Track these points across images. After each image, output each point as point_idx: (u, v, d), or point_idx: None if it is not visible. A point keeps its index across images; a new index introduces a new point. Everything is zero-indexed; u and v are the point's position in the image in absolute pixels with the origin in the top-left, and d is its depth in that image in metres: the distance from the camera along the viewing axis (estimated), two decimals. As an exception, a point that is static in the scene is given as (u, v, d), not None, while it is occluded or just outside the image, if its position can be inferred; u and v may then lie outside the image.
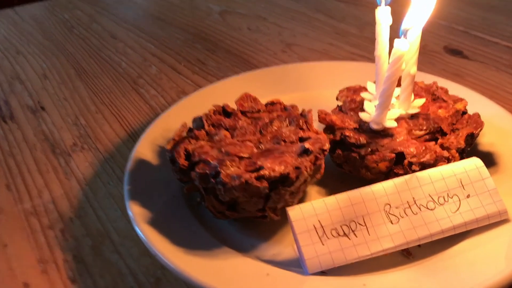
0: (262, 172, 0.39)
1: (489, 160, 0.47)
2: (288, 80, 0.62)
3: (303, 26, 0.85)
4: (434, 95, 0.49)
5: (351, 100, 0.49)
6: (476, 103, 0.53)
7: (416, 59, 0.43)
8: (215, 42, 0.81)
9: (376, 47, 0.43)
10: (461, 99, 0.49)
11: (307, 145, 0.41)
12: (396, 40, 0.38)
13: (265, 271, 0.38)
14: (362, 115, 0.45)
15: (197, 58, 0.76)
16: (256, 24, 0.87)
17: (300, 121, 0.45)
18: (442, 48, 0.75)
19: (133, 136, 0.59)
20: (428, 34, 0.79)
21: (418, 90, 0.50)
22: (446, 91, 0.50)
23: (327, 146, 0.42)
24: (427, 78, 0.56)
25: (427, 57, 0.72)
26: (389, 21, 0.41)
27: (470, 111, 0.50)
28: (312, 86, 0.61)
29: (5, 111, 0.66)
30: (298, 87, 0.61)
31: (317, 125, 0.47)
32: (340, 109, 0.50)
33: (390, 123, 0.44)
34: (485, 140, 0.50)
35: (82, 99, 0.68)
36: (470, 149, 0.46)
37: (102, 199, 0.49)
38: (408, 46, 0.38)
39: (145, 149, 0.49)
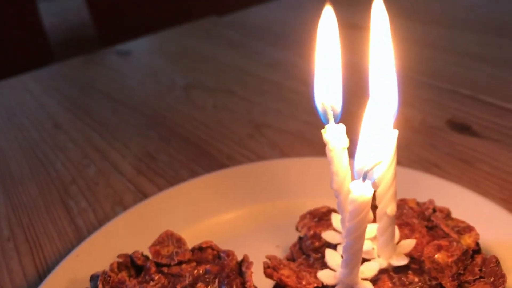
0: None
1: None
2: (249, 185, 0.48)
3: (276, 100, 0.72)
4: (431, 224, 0.35)
5: (314, 236, 0.35)
6: (497, 220, 0.38)
7: (393, 193, 0.28)
8: (172, 128, 0.68)
9: (332, 179, 0.28)
10: (470, 229, 0.34)
11: None
12: (352, 184, 0.24)
13: None
14: (323, 275, 0.30)
15: (147, 151, 0.63)
16: (223, 100, 0.74)
17: (234, 285, 0.31)
18: (445, 122, 0.60)
19: (43, 278, 0.44)
20: (428, 103, 0.65)
21: (408, 214, 0.36)
22: (447, 214, 0.35)
23: None
24: (420, 182, 0.41)
25: (427, 136, 0.58)
26: (345, 143, 0.27)
27: (488, 231, 0.35)
28: (279, 194, 0.47)
29: None
30: (261, 195, 0.48)
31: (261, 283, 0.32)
32: (300, 246, 0.36)
33: (365, 286, 0.29)
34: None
35: (-3, 218, 0.54)
36: (489, 317, 0.31)
37: None
38: (372, 190, 0.24)
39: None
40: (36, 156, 0.66)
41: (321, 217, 0.37)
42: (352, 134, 0.28)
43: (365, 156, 0.24)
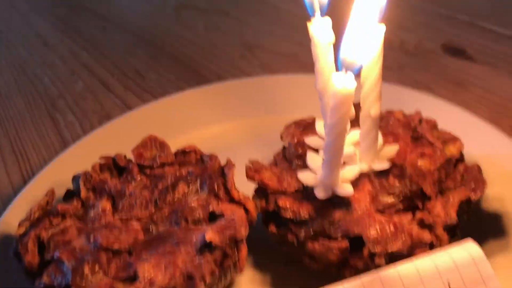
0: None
1: (499, 230, 0.32)
2: (238, 100, 0.48)
3: (269, 22, 0.70)
4: (416, 133, 0.34)
5: (298, 144, 0.35)
6: (480, 135, 0.38)
7: (378, 93, 0.28)
8: (161, 46, 0.67)
9: (316, 78, 0.28)
10: (455, 139, 0.34)
11: (209, 235, 0.27)
12: (334, 75, 0.23)
13: None
14: (303, 176, 0.30)
15: (135, 69, 0.62)
16: (215, 20, 0.72)
17: (216, 185, 0.31)
18: (440, 46, 0.59)
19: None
20: (423, 28, 0.64)
21: (394, 124, 0.35)
22: (433, 126, 0.35)
23: (243, 233, 0.27)
24: (409, 100, 0.41)
25: (421, 59, 0.57)
26: (330, 37, 0.26)
27: (472, 150, 0.35)
28: (268, 109, 0.47)
29: None
30: (250, 111, 0.47)
31: (244, 187, 0.32)
32: (284, 154, 0.36)
33: (344, 188, 0.29)
34: (493, 192, 0.35)
35: (-16, 130, 0.54)
36: (467, 222, 0.31)
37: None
38: (354, 83, 0.23)
39: (16, 218, 0.35)
40: (24, 72, 0.65)
41: (306, 127, 0.36)
42: (339, 29, 0.27)
43: (350, 47, 0.23)
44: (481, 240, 0.29)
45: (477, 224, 0.33)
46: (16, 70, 0.66)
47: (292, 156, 0.34)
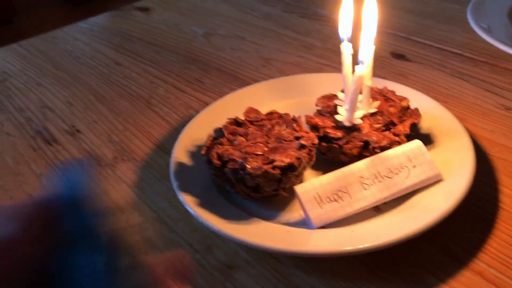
0: (275, 163, 0.57)
1: (428, 139, 0.66)
2: (277, 91, 0.80)
3: (275, 43, 1.03)
4: (386, 97, 0.68)
5: (327, 106, 0.68)
6: (417, 98, 0.73)
7: (370, 75, 0.61)
8: (205, 62, 0.98)
9: (342, 69, 0.61)
10: (405, 98, 0.68)
11: (302, 141, 0.59)
12: (356, 67, 0.57)
13: (285, 230, 0.56)
14: (337, 117, 0.64)
15: (194, 78, 0.93)
16: (236, 43, 1.04)
17: (294, 125, 0.63)
18: (389, 53, 0.94)
19: (161, 147, 0.75)
20: (378, 43, 0.98)
21: (374, 94, 0.69)
22: (393, 93, 0.69)
23: (316, 141, 0.60)
24: (380, 82, 0.75)
25: (378, 62, 0.91)
26: (351, 51, 0.60)
27: (412, 105, 0.69)
28: (296, 95, 0.79)
29: (47, 135, 0.81)
30: (286, 97, 0.79)
31: (305, 126, 0.65)
32: (319, 112, 0.68)
33: (357, 120, 0.62)
34: (425, 126, 0.69)
35: (109, 120, 0.83)
36: (414, 134, 0.65)
37: (151, 196, 0.66)
38: (365, 70, 0.57)
39: (180, 155, 0.66)
40: (113, 83, 0.94)
41: (330, 97, 0.69)
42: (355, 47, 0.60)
43: (362, 55, 0.56)
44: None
45: (419, 136, 0.67)
46: (106, 82, 0.95)
47: (325, 113, 0.67)
